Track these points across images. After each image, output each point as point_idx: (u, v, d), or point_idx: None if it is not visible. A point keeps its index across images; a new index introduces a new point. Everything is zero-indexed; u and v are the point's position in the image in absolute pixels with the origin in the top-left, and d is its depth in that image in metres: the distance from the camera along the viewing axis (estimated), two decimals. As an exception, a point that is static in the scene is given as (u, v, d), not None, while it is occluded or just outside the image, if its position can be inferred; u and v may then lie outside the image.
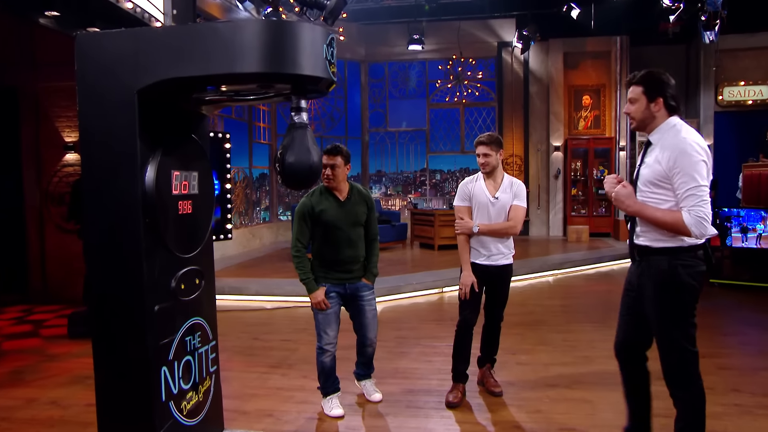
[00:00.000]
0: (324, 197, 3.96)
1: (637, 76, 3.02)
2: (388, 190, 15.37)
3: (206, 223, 3.34)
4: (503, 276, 4.28)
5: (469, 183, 4.29)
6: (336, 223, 3.92)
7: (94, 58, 2.75)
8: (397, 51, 14.65)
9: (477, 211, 4.22)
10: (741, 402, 4.15)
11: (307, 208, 3.92)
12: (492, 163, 4.16)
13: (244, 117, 12.23)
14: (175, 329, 3.04)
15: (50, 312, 7.39)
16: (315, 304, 3.92)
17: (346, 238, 3.95)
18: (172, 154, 2.97)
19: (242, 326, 6.54)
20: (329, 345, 4.00)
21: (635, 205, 3.03)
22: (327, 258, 3.97)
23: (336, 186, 3.96)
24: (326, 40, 2.78)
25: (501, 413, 4.08)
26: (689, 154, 2.81)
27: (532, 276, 9.51)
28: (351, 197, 4.01)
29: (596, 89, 14.29)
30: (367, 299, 4.11)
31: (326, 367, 4.04)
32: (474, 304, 4.23)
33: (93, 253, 2.84)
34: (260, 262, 10.47)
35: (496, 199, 4.17)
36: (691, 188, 2.80)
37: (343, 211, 3.95)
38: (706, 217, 2.79)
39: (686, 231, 2.82)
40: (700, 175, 2.80)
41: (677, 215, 2.84)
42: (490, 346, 4.51)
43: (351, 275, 4.02)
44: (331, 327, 4.00)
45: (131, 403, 2.88)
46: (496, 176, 4.23)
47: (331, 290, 3.98)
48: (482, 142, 4.18)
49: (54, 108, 8.09)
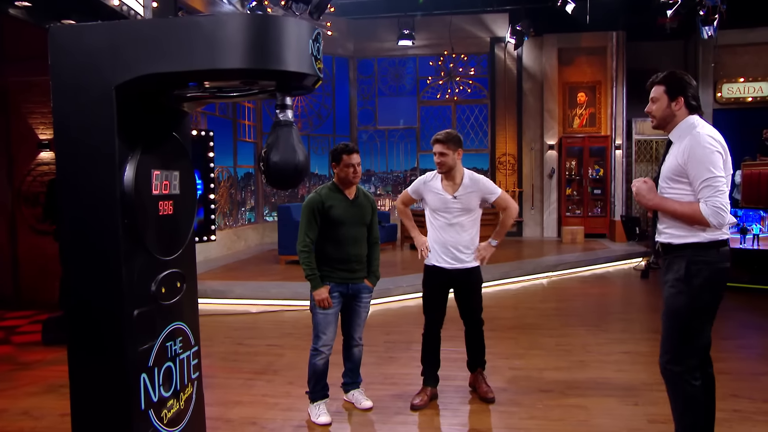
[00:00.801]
0: (333, 193, 3.95)
1: (660, 76, 3.09)
2: (377, 190, 15.23)
3: (188, 225, 3.23)
4: (470, 280, 4.20)
5: (427, 181, 4.19)
6: (344, 220, 3.91)
7: (70, 52, 2.64)
8: (387, 46, 14.52)
9: (433, 212, 4.15)
10: (740, 407, 4.07)
11: (316, 203, 3.89)
12: (448, 163, 4.03)
13: (228, 114, 11.98)
14: (156, 334, 2.93)
15: (23, 318, 7.13)
16: (319, 301, 3.87)
17: (352, 236, 3.95)
18: (152, 153, 2.86)
19: (226, 331, 6.41)
20: (325, 347, 3.94)
21: (655, 198, 3.08)
22: (332, 256, 3.94)
23: (355, 183, 4.01)
24: (312, 35, 2.69)
25: (484, 419, 4.00)
26: (703, 146, 2.87)
27: (526, 278, 9.43)
28: (358, 197, 4.01)
29: (592, 86, 14.18)
30: (364, 301, 4.11)
31: (318, 371, 3.96)
32: (438, 305, 4.18)
33: (69, 256, 2.73)
34: (245, 265, 10.30)
35: (455, 198, 4.06)
36: (706, 179, 2.85)
37: (351, 209, 3.95)
38: (723, 207, 2.84)
39: (705, 221, 2.87)
40: (715, 166, 2.85)
41: (695, 206, 2.89)
42: (476, 350, 4.41)
43: (354, 275, 4.00)
44: (330, 328, 3.95)
45: (109, 412, 2.77)
46: (455, 175, 4.10)
47: (335, 290, 3.94)
48: (438, 140, 4.06)
49: (27, 104, 7.82)
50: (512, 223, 4.23)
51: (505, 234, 4.24)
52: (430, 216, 4.18)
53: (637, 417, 3.97)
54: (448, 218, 4.08)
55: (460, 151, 4.07)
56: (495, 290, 8.61)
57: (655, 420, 3.90)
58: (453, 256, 4.10)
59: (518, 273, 9.44)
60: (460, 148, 4.07)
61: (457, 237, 4.09)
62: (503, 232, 4.23)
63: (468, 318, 4.30)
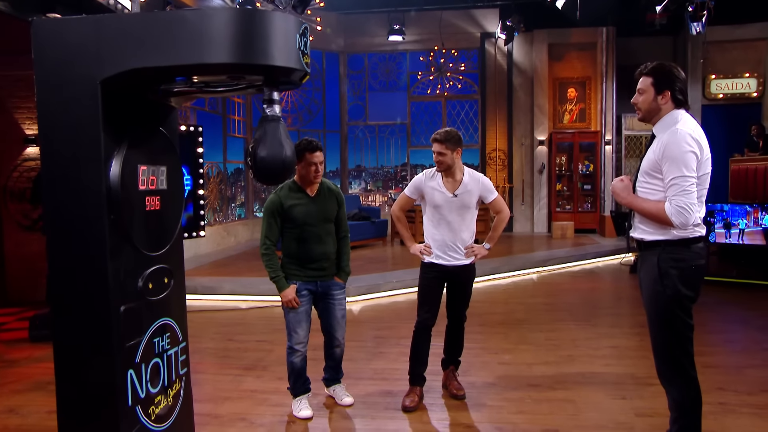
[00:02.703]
0: (293, 193, 3.89)
1: (648, 66, 3.04)
2: (368, 186, 15.21)
3: (175, 220, 3.22)
4: (464, 275, 4.20)
5: (426, 180, 4.15)
6: (306, 219, 3.86)
7: (53, 46, 2.62)
8: (377, 42, 14.47)
9: (433, 210, 4.12)
10: (725, 400, 4.11)
11: (275, 204, 3.85)
12: (447, 162, 4.01)
13: (217, 110, 11.90)
14: (143, 330, 2.92)
15: (10, 315, 7.08)
16: (285, 302, 3.86)
17: (316, 235, 3.89)
18: (138, 148, 2.85)
19: (216, 327, 6.39)
20: (300, 345, 3.93)
21: (628, 197, 3.09)
22: (298, 255, 3.91)
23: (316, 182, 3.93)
24: (299, 30, 2.68)
25: (472, 414, 4.00)
26: (679, 144, 2.84)
27: (516, 274, 9.44)
28: (321, 193, 3.96)
29: (582, 82, 14.19)
30: (337, 298, 4.05)
31: (296, 367, 3.97)
32: (432, 304, 4.16)
33: (54, 251, 2.72)
34: (235, 261, 10.27)
35: (455, 196, 4.05)
36: (675, 178, 2.83)
37: (313, 207, 3.89)
38: (686, 207, 2.81)
39: (668, 221, 2.85)
40: (687, 166, 2.82)
41: (660, 205, 2.89)
42: (454, 348, 4.41)
43: (323, 272, 3.96)
44: (302, 326, 3.93)
45: (95, 409, 2.76)
46: (455, 173, 4.08)
47: (303, 288, 3.92)
48: (436, 139, 4.03)
49: (12, 99, 7.73)
50: (502, 228, 4.23)
51: (497, 237, 4.23)
52: (429, 213, 4.16)
53: (625, 411, 3.99)
54: (447, 216, 4.07)
55: (459, 150, 4.04)
56: (485, 285, 8.62)
57: (643, 413, 3.93)
58: (451, 252, 4.11)
59: (508, 268, 9.45)
60: (459, 147, 4.04)
61: (456, 234, 4.09)
62: (496, 236, 4.24)
63: (454, 313, 4.30)
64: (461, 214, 4.09)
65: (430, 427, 3.84)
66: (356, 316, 6.79)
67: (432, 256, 4.14)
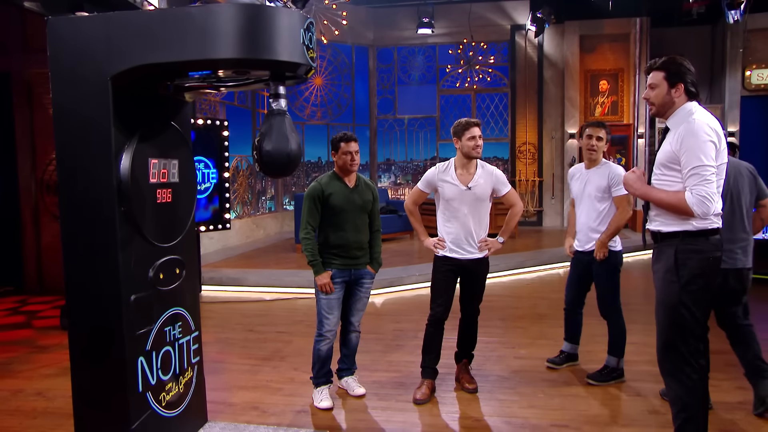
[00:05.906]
0: (333, 181, 4.04)
1: (659, 62, 3.05)
2: (397, 179, 15.20)
3: (188, 212, 3.30)
4: (478, 270, 4.20)
5: (439, 173, 4.19)
6: (344, 207, 3.99)
7: (67, 43, 2.72)
8: (406, 35, 14.43)
9: (447, 203, 4.14)
10: (749, 399, 4.02)
11: (317, 191, 4.00)
12: (481, 149, 4.09)
13: (247, 104, 12.02)
14: (153, 319, 3.01)
15: (45, 303, 7.34)
16: (320, 286, 3.96)
17: (352, 223, 4.03)
18: (149, 142, 2.93)
19: (239, 318, 6.49)
20: (329, 332, 4.02)
21: (642, 188, 3.08)
22: (334, 242, 4.01)
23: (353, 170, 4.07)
24: (304, 25, 2.72)
25: (481, 408, 4.01)
26: (696, 134, 2.84)
27: (542, 268, 9.37)
28: (359, 184, 4.11)
29: (614, 74, 13.92)
30: (366, 287, 4.18)
31: (322, 356, 4.04)
32: (446, 297, 4.17)
33: (68, 242, 2.82)
34: (262, 253, 10.40)
35: (469, 188, 4.07)
36: (694, 167, 2.82)
37: (351, 196, 4.03)
38: (708, 197, 2.81)
39: (689, 211, 2.84)
40: (706, 155, 2.81)
41: (680, 195, 2.87)
42: (467, 342, 4.41)
43: (357, 261, 4.08)
44: (333, 313, 4.03)
45: (107, 394, 2.87)
46: (470, 165, 4.13)
47: (337, 276, 4.02)
48: (478, 123, 4.12)
49: (48, 95, 7.93)
50: (516, 222, 4.26)
51: (510, 231, 4.26)
52: (443, 206, 4.18)
53: (638, 408, 3.96)
54: (461, 209, 4.09)
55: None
56: (510, 280, 8.58)
57: (657, 411, 3.88)
58: (464, 246, 4.12)
59: (534, 262, 9.38)
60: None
61: (469, 227, 4.10)
62: (509, 230, 4.27)
63: (468, 306, 4.30)
64: (475, 206, 4.10)
65: (439, 420, 3.85)
66: (377, 309, 6.83)
67: (445, 250, 4.16)
